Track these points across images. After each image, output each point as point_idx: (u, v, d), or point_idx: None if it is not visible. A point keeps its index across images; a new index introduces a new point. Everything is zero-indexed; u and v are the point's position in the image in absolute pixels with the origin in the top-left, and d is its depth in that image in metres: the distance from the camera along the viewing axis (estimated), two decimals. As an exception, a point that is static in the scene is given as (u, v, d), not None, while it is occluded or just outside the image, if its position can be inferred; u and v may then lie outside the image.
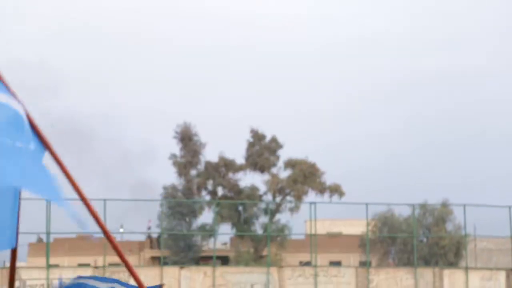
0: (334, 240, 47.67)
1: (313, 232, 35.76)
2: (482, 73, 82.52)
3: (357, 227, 47.80)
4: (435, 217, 46.10)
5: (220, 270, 34.33)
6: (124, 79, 79.25)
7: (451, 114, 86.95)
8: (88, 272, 32.12)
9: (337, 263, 46.33)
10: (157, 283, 31.29)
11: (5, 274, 31.24)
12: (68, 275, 31.86)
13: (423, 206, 45.17)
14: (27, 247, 52.39)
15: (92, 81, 71.16)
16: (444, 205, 45.20)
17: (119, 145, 58.10)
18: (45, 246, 33.78)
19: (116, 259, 49.43)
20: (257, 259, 46.09)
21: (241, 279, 33.75)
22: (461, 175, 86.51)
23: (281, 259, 44.69)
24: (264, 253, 44.72)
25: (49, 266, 32.07)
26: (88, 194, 3.65)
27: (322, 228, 43.15)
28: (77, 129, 45.08)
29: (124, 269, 32.28)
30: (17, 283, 30.53)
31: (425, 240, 46.50)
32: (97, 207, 35.58)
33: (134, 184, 46.98)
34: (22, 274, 31.65)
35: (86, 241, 51.20)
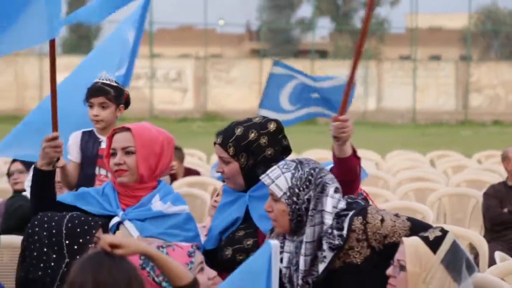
0: (435, 34, 46.86)
1: (413, 25, 35.23)
2: None
3: (459, 20, 46.77)
4: (542, 10, 44.67)
5: (319, 63, 34.57)
6: None
7: None
8: (188, 62, 32.82)
9: (437, 57, 45.86)
10: (257, 75, 31.88)
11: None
12: (170, 65, 32.76)
13: (530, -1, 43.62)
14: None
15: None
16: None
17: None
18: (148, 36, 34.49)
19: (217, 50, 50.31)
20: (356, 53, 45.97)
21: (339, 73, 33.97)
22: None
23: (380, 53, 44.51)
24: (363, 46, 44.44)
25: (152, 55, 32.85)
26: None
27: (423, 21, 42.38)
28: None
29: (226, 60, 32.91)
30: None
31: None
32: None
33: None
34: (127, 64, 32.64)
35: (188, 32, 52.02)
